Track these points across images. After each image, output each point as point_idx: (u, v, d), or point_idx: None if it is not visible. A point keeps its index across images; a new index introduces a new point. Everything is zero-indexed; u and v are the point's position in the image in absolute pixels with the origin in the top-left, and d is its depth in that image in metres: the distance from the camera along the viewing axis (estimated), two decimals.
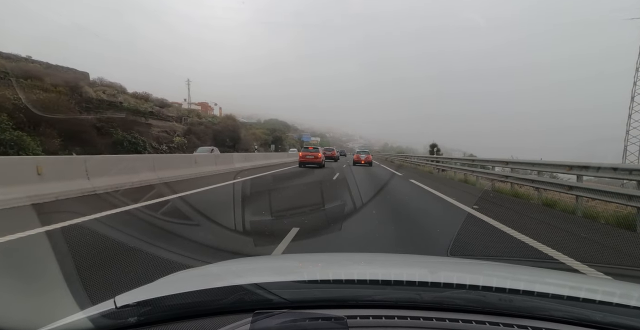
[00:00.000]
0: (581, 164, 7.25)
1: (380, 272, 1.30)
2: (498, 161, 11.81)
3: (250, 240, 4.46)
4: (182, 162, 12.43)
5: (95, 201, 6.72)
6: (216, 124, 44.62)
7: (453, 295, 1.00)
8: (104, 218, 5.16)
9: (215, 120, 48.08)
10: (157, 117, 35.96)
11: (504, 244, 4.51)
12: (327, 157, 26.54)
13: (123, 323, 0.92)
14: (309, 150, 21.47)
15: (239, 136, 43.11)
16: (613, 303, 0.99)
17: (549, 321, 0.91)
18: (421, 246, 4.39)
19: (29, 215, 5.33)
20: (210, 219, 5.47)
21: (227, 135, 40.72)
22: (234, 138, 41.56)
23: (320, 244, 4.40)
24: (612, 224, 6.19)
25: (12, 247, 3.68)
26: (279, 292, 1.00)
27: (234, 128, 43.45)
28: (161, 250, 3.49)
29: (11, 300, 2.28)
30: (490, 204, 8.20)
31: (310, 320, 0.87)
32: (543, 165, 9.01)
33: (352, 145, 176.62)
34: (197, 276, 1.43)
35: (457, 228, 5.40)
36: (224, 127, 42.28)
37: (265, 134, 59.40)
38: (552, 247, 4.26)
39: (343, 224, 5.17)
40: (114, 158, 10.09)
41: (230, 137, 40.82)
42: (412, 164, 26.84)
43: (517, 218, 6.60)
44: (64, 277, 2.46)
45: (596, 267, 3.55)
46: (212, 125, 42.89)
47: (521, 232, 5.01)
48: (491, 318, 0.92)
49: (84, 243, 3.94)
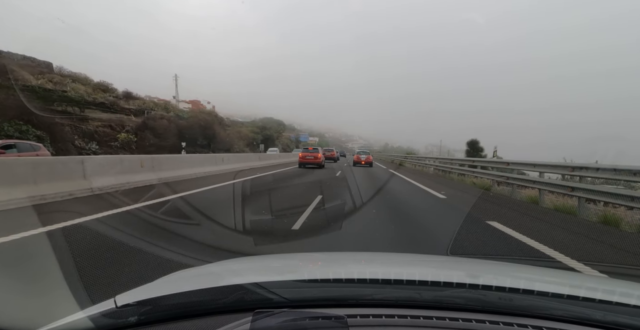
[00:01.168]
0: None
1: (380, 271, 1.30)
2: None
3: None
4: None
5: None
6: (185, 118, 37.34)
7: (453, 294, 1.00)
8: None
9: (184, 115, 39.77)
10: (108, 109, 29.85)
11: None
12: (327, 158, 26.53)
13: (123, 322, 0.92)
14: (309, 150, 21.50)
15: (214, 134, 36.62)
16: (613, 302, 0.99)
17: (549, 320, 0.91)
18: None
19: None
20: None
21: (199, 132, 34.66)
22: (208, 136, 35.57)
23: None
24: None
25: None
26: (279, 291, 1.00)
27: (207, 124, 36.65)
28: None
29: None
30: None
31: (310, 319, 0.87)
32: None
33: (351, 145, 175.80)
34: (197, 275, 1.44)
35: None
36: (194, 123, 35.46)
37: (253, 132, 53.00)
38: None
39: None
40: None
41: (203, 135, 35.01)
42: (431, 170, 19.85)
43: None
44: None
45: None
46: (180, 120, 35.74)
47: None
48: (491, 317, 0.92)
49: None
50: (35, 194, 6.41)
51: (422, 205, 7.84)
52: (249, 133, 51.72)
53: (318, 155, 21.00)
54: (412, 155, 33.00)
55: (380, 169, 22.07)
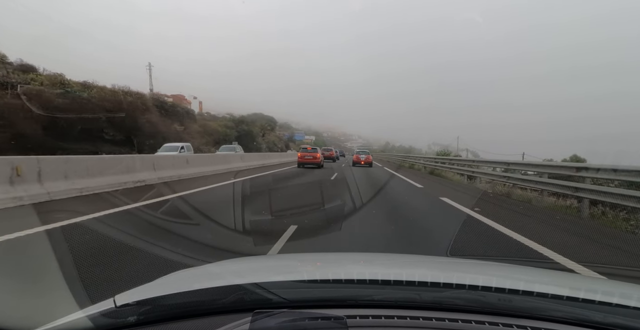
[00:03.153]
0: None
1: (379, 271, 1.30)
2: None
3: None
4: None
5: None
6: (83, 98, 22.83)
7: (452, 295, 1.00)
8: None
9: (83, 93, 23.72)
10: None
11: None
12: (326, 158, 26.31)
13: (123, 322, 0.92)
14: (308, 150, 21.48)
15: (138, 125, 24.72)
16: (612, 303, 0.99)
17: (549, 321, 0.91)
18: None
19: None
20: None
21: (106, 120, 22.63)
22: (131, 128, 24.10)
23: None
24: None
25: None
26: (278, 291, 1.00)
27: (126, 109, 23.47)
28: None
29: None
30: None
31: (309, 320, 0.87)
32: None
33: (350, 145, 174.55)
34: (196, 275, 1.43)
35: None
36: (97, 106, 22.54)
37: (227, 127, 42.08)
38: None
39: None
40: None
41: (121, 126, 23.51)
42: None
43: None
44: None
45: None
46: (77, 99, 22.15)
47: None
48: (490, 318, 0.92)
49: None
50: None
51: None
52: (220, 128, 40.66)
53: (317, 155, 20.99)
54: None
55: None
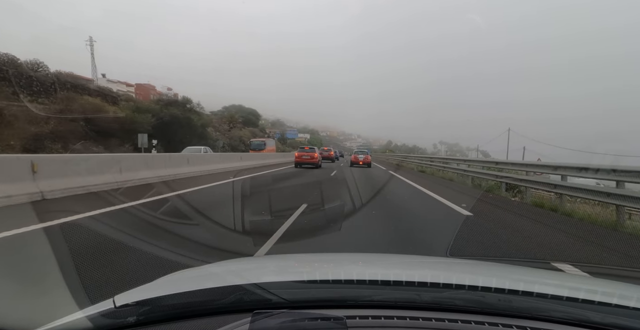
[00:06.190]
0: None
1: (379, 272, 1.30)
2: None
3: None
4: None
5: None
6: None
7: (452, 296, 1.00)
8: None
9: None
10: None
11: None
12: (324, 158, 25.92)
13: (122, 322, 0.92)
14: (305, 150, 21.12)
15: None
16: (612, 304, 0.99)
17: (548, 322, 0.91)
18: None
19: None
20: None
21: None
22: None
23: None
24: None
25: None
26: (278, 292, 1.00)
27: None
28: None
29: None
30: None
31: (309, 320, 0.87)
32: None
33: (350, 144, 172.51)
34: (196, 276, 1.43)
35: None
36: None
37: (137, 110, 27.34)
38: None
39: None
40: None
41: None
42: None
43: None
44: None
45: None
46: None
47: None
48: (490, 318, 0.92)
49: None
50: None
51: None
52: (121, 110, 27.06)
53: (314, 155, 20.60)
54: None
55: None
